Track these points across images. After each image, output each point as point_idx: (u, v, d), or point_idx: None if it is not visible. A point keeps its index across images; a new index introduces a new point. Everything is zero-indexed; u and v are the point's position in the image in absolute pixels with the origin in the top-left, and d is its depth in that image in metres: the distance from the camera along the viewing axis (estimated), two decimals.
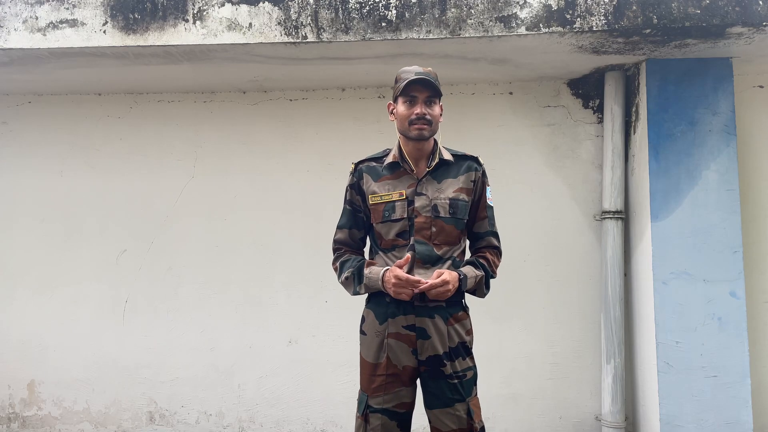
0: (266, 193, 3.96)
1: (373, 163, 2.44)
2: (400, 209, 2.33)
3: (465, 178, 2.39)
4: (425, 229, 2.31)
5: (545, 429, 3.71)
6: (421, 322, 2.29)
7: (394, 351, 2.31)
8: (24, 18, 3.32)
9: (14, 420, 4.03)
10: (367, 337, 2.38)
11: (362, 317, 2.44)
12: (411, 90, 2.28)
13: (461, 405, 2.29)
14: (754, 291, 3.57)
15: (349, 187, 2.47)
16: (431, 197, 2.33)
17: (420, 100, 2.29)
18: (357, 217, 2.45)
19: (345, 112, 3.96)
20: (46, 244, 4.06)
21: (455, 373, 2.30)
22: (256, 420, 3.88)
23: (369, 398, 2.33)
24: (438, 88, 2.30)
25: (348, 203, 2.47)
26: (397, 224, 2.33)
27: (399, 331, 2.31)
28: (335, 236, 2.49)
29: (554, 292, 3.76)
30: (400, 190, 2.35)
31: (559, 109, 3.83)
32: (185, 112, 4.06)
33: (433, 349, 2.29)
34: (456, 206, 2.34)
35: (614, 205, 3.60)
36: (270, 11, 3.21)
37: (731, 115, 3.38)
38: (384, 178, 2.39)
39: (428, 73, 2.30)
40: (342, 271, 2.41)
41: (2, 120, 4.17)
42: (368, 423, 2.31)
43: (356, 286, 2.36)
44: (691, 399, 3.22)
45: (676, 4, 3.05)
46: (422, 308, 2.30)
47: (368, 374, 2.35)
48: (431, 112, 2.30)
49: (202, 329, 3.95)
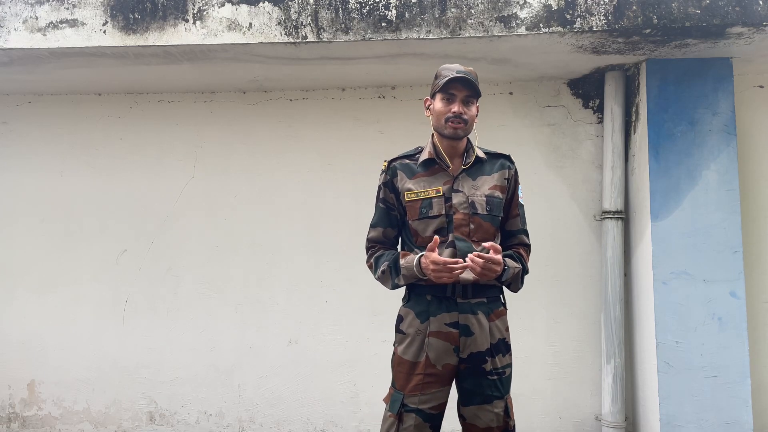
0: (266, 193, 3.96)
1: (407, 160, 2.42)
2: (437, 206, 2.31)
3: (499, 175, 2.39)
4: (464, 226, 2.30)
5: (545, 429, 3.71)
6: (465, 319, 2.28)
7: (435, 350, 2.28)
8: (24, 18, 3.32)
9: (14, 420, 4.03)
10: (406, 336, 2.34)
11: (399, 316, 2.40)
12: (450, 88, 2.27)
13: (500, 402, 2.29)
14: (754, 291, 3.57)
15: (382, 185, 2.43)
16: (468, 194, 2.32)
17: (458, 98, 2.28)
18: (390, 215, 2.43)
19: (345, 112, 3.96)
20: (46, 244, 4.06)
21: (495, 369, 2.29)
22: (256, 420, 3.88)
23: (405, 397, 2.29)
24: (477, 88, 2.29)
25: (381, 201, 2.44)
26: (435, 221, 2.31)
27: (441, 329, 2.28)
28: (369, 235, 2.47)
29: (554, 292, 3.76)
30: (436, 186, 2.33)
31: (559, 109, 3.83)
32: (185, 112, 4.07)
33: (475, 346, 2.27)
34: (492, 203, 2.33)
35: (614, 205, 3.60)
36: (270, 11, 3.21)
37: (731, 115, 3.38)
38: (419, 175, 2.37)
39: (469, 73, 2.29)
40: (377, 267, 2.39)
41: (2, 120, 4.18)
42: (402, 423, 2.27)
43: (394, 278, 2.34)
44: (691, 399, 3.22)
45: (676, 4, 3.05)
46: (465, 305, 2.28)
47: (406, 373, 2.31)
48: (468, 111, 2.29)
49: (202, 329, 3.95)
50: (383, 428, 2.33)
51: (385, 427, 2.32)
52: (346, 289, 3.87)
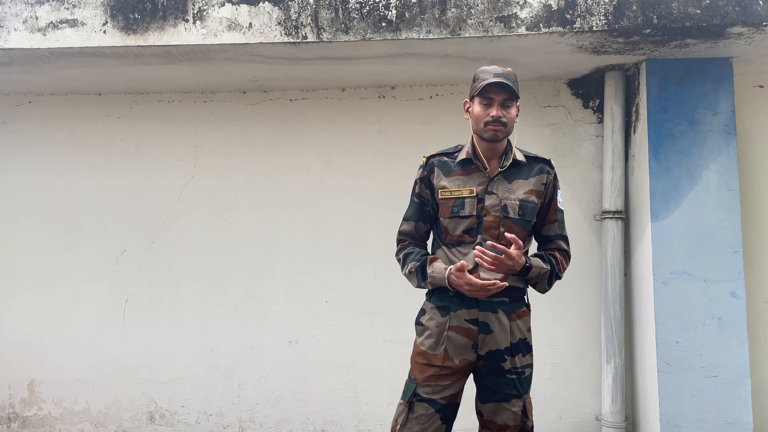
0: (266, 193, 3.96)
1: (445, 158, 2.43)
2: (469, 206, 2.32)
3: (536, 180, 2.39)
4: (493, 228, 2.30)
5: (545, 429, 3.71)
6: (485, 317, 2.28)
7: (454, 344, 2.29)
8: (24, 18, 3.32)
9: (14, 420, 4.03)
10: (426, 328, 2.36)
11: (421, 310, 2.42)
12: (488, 92, 2.28)
13: (518, 401, 2.29)
14: (754, 291, 3.57)
15: (418, 180, 2.45)
16: (501, 197, 2.33)
17: (497, 102, 2.28)
18: (424, 210, 2.44)
19: (345, 112, 3.96)
20: (46, 244, 4.06)
21: (514, 368, 2.29)
22: (256, 420, 3.88)
23: (418, 386, 2.31)
24: (515, 90, 2.28)
25: (416, 196, 2.46)
26: (465, 221, 2.32)
27: (461, 325, 2.29)
28: (401, 227, 2.49)
29: (554, 292, 3.73)
30: (470, 186, 2.34)
31: (559, 109, 3.83)
32: (185, 112, 4.06)
33: (494, 343, 2.28)
34: (525, 208, 2.33)
35: (614, 205, 3.60)
36: (270, 11, 3.21)
37: (731, 115, 3.38)
38: (455, 174, 2.38)
39: (507, 75, 2.29)
40: (405, 263, 2.41)
41: (2, 120, 4.18)
42: (412, 411, 2.29)
43: (420, 282, 2.37)
44: (691, 399, 3.22)
45: (676, 4, 3.05)
46: (486, 303, 2.28)
47: (422, 363, 2.33)
48: (507, 114, 2.29)
49: (202, 329, 3.95)
50: (395, 415, 2.36)
51: (395, 414, 2.36)
52: (346, 289, 3.87)
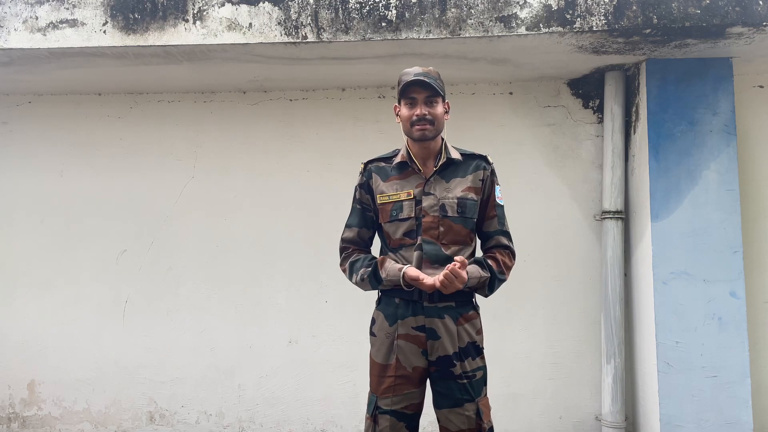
0: (266, 193, 3.96)
1: (383, 163, 2.45)
2: (407, 209, 2.34)
3: (473, 177, 2.39)
4: (433, 229, 2.31)
5: (545, 429, 3.71)
6: (431, 323, 2.30)
7: (404, 352, 2.31)
8: (24, 18, 3.32)
9: (14, 420, 4.03)
10: (377, 338, 2.39)
11: (372, 319, 2.44)
12: (410, 92, 2.29)
13: (470, 405, 2.30)
14: (754, 291, 3.57)
15: (358, 186, 2.47)
16: (439, 196, 2.33)
17: (420, 101, 2.29)
18: (366, 216, 2.46)
19: (345, 112, 3.96)
20: (46, 244, 4.06)
21: (465, 373, 2.30)
22: (256, 420, 3.88)
23: (378, 399, 2.33)
24: (437, 86, 2.28)
25: (357, 202, 2.47)
26: (404, 224, 2.34)
27: (409, 332, 2.31)
28: (343, 235, 2.49)
29: (554, 292, 3.76)
30: (408, 189, 2.35)
31: (559, 109, 3.83)
32: (185, 112, 4.06)
33: (443, 349, 2.29)
34: (464, 205, 2.34)
35: (614, 205, 3.60)
36: (270, 11, 3.21)
37: (731, 115, 3.38)
38: (392, 178, 2.40)
39: (427, 73, 2.29)
40: (353, 272, 2.41)
41: (2, 120, 4.17)
42: (377, 424, 2.32)
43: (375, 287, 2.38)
44: (691, 399, 3.22)
45: (676, 4, 3.05)
46: (432, 309, 2.30)
47: (378, 375, 2.35)
48: (432, 111, 2.29)
49: (202, 329, 3.95)
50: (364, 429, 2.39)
51: (364, 428, 2.38)
52: (346, 289, 3.84)
